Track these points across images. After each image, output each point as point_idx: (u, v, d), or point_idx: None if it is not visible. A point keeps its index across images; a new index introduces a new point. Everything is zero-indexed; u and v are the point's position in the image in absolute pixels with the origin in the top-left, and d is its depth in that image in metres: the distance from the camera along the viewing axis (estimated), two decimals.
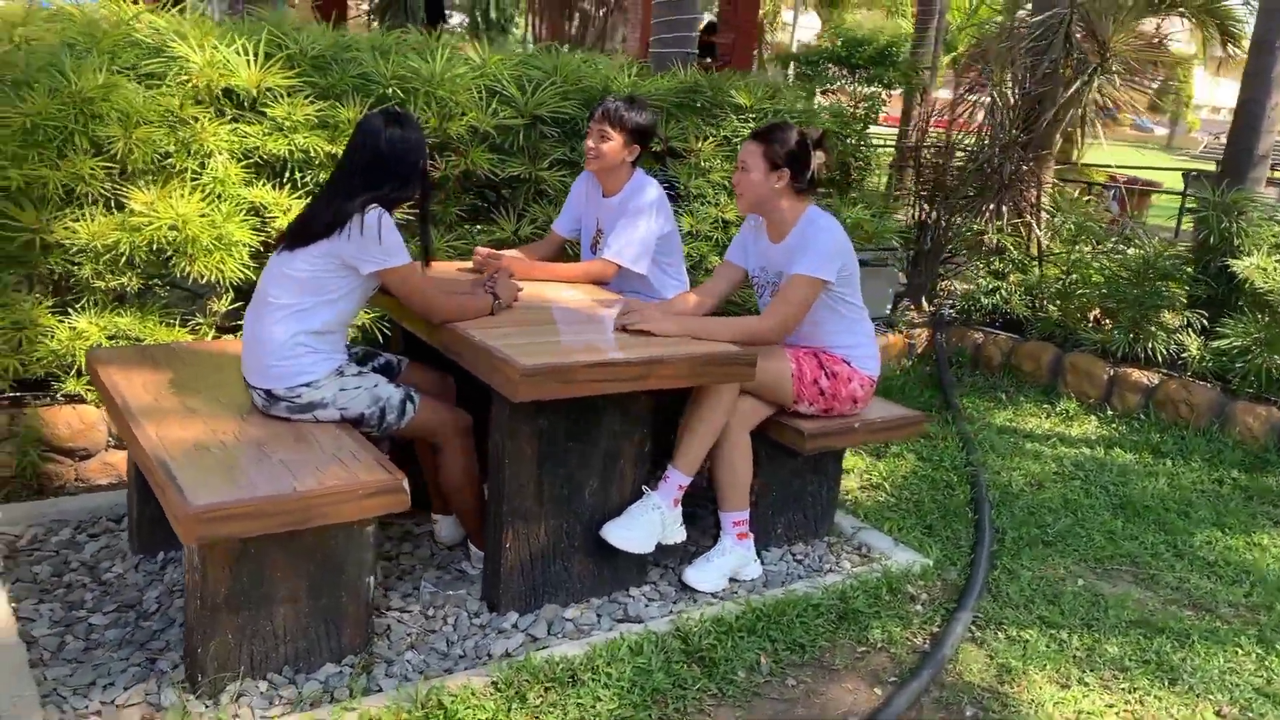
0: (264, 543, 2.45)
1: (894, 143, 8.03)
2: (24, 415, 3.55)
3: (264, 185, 3.85)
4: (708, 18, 18.87)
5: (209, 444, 2.59)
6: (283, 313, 2.75)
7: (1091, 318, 5.79)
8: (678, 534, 3.13)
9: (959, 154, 6.33)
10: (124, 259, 3.57)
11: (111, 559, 3.11)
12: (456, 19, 27.26)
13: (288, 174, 3.91)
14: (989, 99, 6.10)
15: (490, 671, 2.63)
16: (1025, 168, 5.93)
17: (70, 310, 3.66)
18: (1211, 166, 7.49)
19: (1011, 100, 5.98)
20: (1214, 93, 38.63)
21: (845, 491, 4.12)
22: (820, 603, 3.14)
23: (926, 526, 3.80)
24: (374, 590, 2.68)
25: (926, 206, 6.39)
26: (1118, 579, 3.56)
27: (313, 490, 2.39)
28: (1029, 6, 6.84)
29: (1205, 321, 5.27)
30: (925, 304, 6.53)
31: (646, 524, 3.02)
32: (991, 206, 6.01)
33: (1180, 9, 7.94)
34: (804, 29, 23.61)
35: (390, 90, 4.06)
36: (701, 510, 3.63)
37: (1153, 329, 5.31)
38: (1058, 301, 5.77)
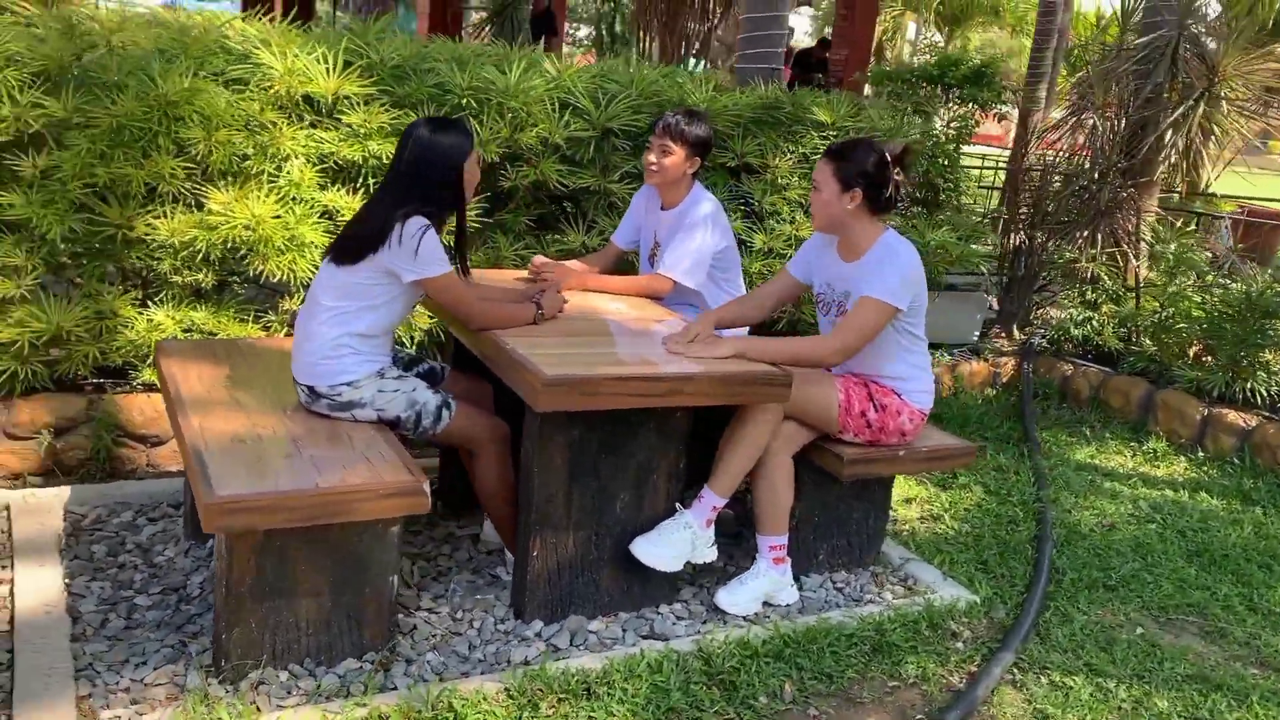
0: (288, 536, 2.51)
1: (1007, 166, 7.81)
2: (102, 401, 3.73)
3: (338, 189, 3.97)
4: (827, 31, 18.69)
5: (246, 436, 2.68)
6: (329, 315, 2.83)
7: (1191, 354, 5.52)
8: (709, 554, 3.09)
9: (1060, 178, 6.12)
10: (200, 256, 3.73)
11: (165, 543, 3.24)
12: (584, 31, 27.66)
13: (361, 179, 4.03)
14: (1091, 122, 5.87)
15: (504, 678, 2.65)
16: (1124, 194, 5.68)
17: (150, 303, 3.84)
18: None
19: (1112, 124, 5.74)
20: None
21: (903, 521, 4.02)
22: (854, 633, 3.06)
23: (981, 562, 3.67)
24: (396, 589, 2.72)
25: (1023, 231, 6.20)
26: (1181, 630, 3.37)
27: (334, 487, 2.45)
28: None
29: None
30: (1017, 332, 6.33)
31: (676, 542, 3.00)
32: (1085, 233, 5.77)
33: None
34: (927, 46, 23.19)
35: (465, 100, 4.15)
36: (747, 531, 3.59)
37: (1254, 368, 5.02)
38: (1153, 335, 5.51)
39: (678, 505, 3.05)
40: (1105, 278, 5.65)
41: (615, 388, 2.66)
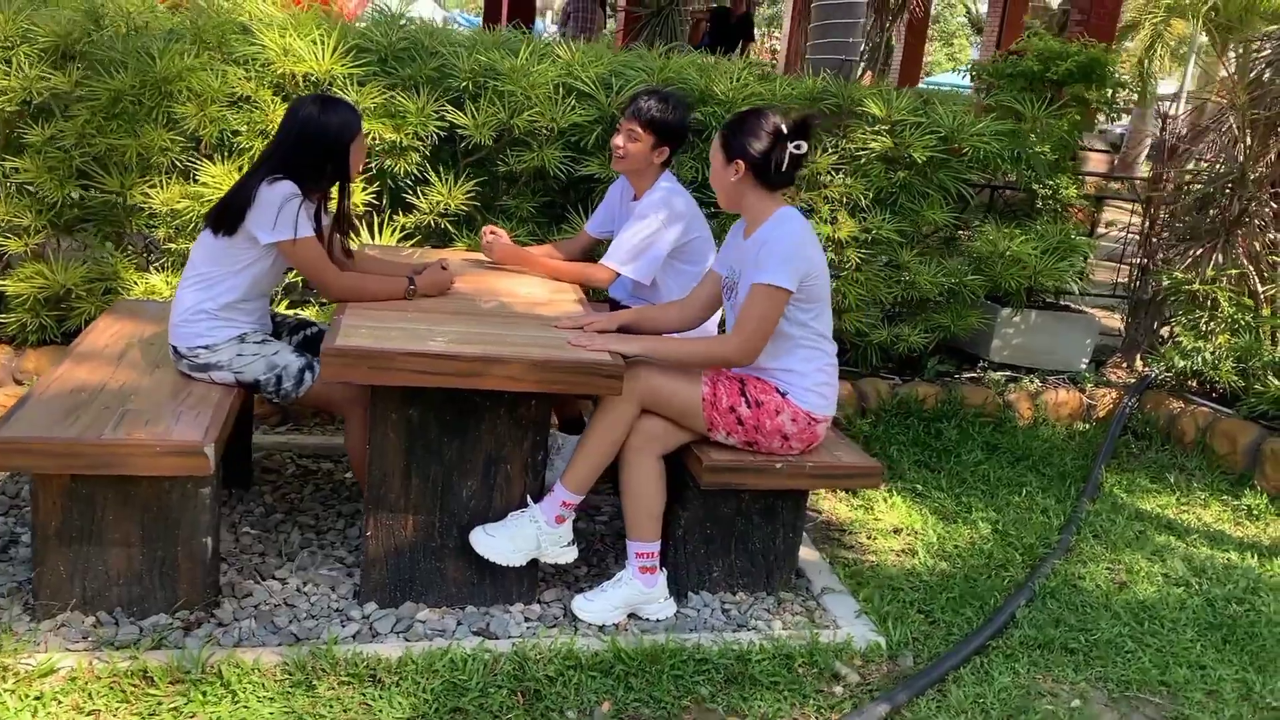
0: (96, 484, 2.57)
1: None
2: None
3: None
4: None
5: (89, 387, 2.78)
6: (193, 280, 2.90)
7: None
8: (562, 554, 2.90)
9: (1196, 187, 5.34)
10: (191, 225, 3.92)
11: None
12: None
13: None
14: (1228, 123, 5.07)
15: (287, 652, 2.58)
16: (1254, 206, 4.84)
17: (151, 269, 4.09)
18: None
19: (1250, 124, 4.92)
20: None
21: (878, 551, 3.62)
22: (710, 658, 2.76)
23: (925, 605, 3.23)
24: (213, 550, 2.72)
25: (1146, 248, 5.47)
26: (1133, 710, 2.82)
27: (111, 439, 2.48)
28: None
29: None
30: (1140, 363, 5.57)
31: (520, 536, 2.83)
32: (1199, 251, 4.97)
33: None
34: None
35: (464, 83, 4.14)
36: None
37: None
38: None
39: (529, 498, 2.88)
40: (1224, 303, 4.84)
41: (408, 364, 2.53)
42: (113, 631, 2.63)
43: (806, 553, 3.46)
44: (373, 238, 4.10)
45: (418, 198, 4.16)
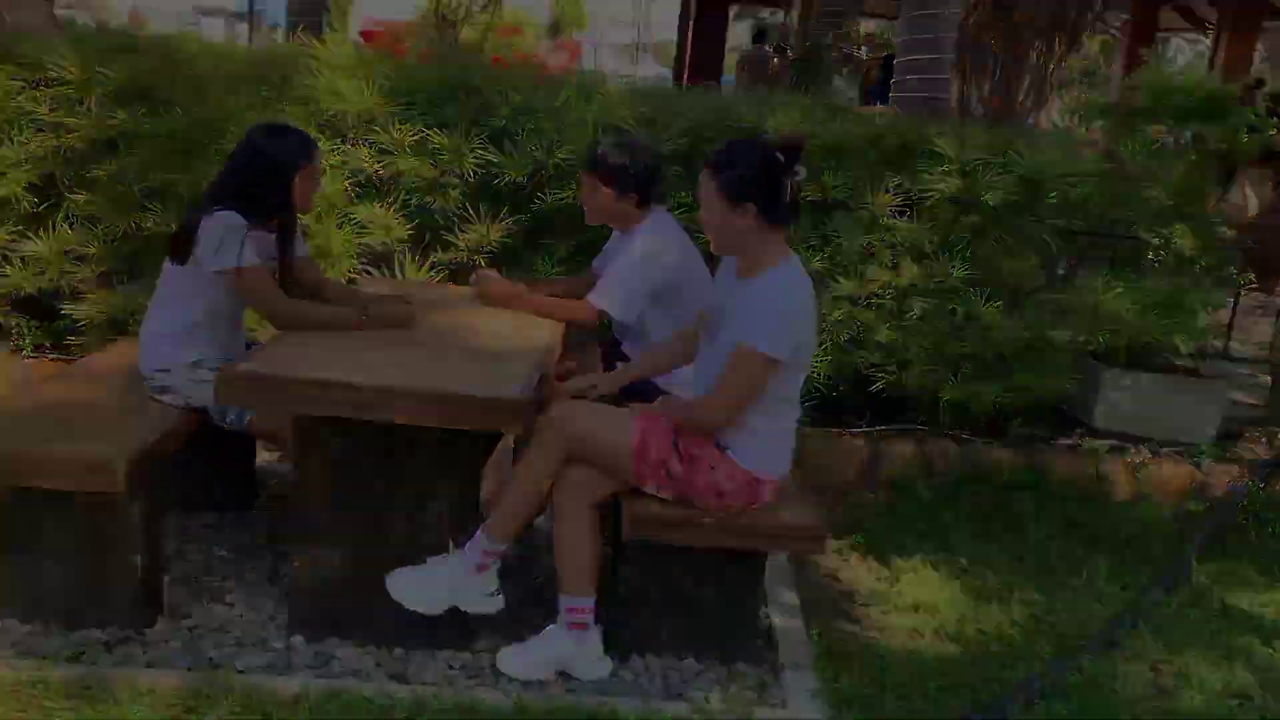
0: (34, 496, 2.66)
1: None
2: None
3: (371, 203, 4.15)
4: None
5: (58, 403, 2.91)
6: (155, 306, 3.02)
7: None
8: (483, 604, 2.75)
9: None
10: None
11: None
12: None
13: (395, 194, 4.18)
14: None
15: (187, 677, 2.58)
16: None
17: None
18: None
19: None
20: None
21: (887, 630, 3.28)
22: None
23: (906, 691, 2.87)
24: (144, 569, 2.76)
25: None
26: None
27: (27, 452, 2.57)
28: None
29: None
30: None
31: (435, 583, 2.72)
32: None
33: None
34: None
35: (502, 123, 4.14)
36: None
37: None
38: None
39: (451, 543, 2.77)
40: None
41: (301, 390, 2.50)
42: (42, 641, 2.70)
43: (792, 623, 3.17)
44: (403, 274, 4.14)
45: (455, 235, 4.17)
